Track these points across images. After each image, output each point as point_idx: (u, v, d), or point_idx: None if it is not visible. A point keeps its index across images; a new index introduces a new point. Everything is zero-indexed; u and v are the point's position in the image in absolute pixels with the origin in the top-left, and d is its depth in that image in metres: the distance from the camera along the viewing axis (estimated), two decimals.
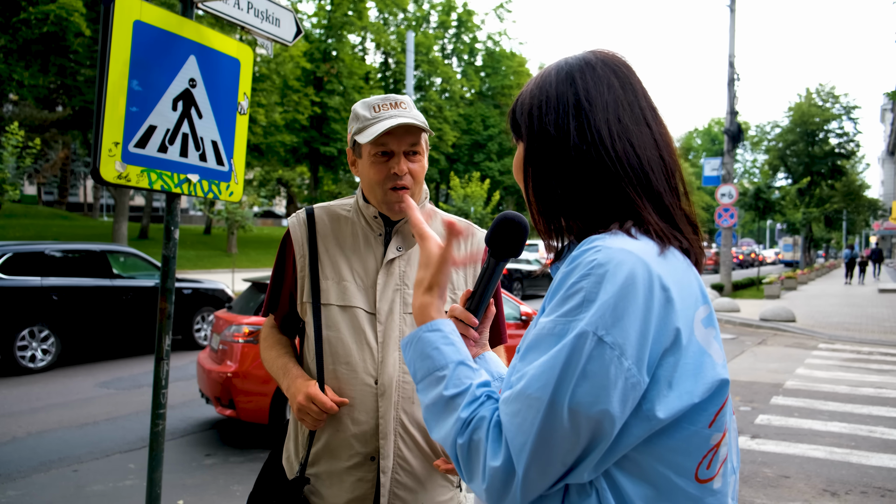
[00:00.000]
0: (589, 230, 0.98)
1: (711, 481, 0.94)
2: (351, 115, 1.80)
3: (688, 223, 1.02)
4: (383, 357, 1.72)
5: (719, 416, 0.93)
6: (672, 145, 1.05)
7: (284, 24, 3.03)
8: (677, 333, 0.88)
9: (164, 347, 2.59)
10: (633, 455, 0.90)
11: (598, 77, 1.02)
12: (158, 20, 2.44)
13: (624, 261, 0.88)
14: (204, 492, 4.63)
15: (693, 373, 0.89)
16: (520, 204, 53.96)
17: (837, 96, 44.71)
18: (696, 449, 0.91)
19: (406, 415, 1.72)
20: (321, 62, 37.62)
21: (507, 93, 48.40)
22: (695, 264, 1.00)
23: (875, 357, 10.90)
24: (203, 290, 10.82)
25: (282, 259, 1.86)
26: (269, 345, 1.90)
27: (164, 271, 2.59)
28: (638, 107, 1.03)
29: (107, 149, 2.31)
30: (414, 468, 1.73)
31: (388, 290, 1.75)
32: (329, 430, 1.72)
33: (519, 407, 0.88)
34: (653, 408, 0.87)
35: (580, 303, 0.87)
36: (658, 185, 1.00)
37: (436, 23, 48.48)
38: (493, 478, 0.89)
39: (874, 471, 5.34)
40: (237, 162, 2.82)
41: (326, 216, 1.84)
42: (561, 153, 1.00)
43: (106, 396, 7.43)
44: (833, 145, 44.15)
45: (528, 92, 1.07)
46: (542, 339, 0.89)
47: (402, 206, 1.75)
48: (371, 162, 1.73)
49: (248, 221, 18.72)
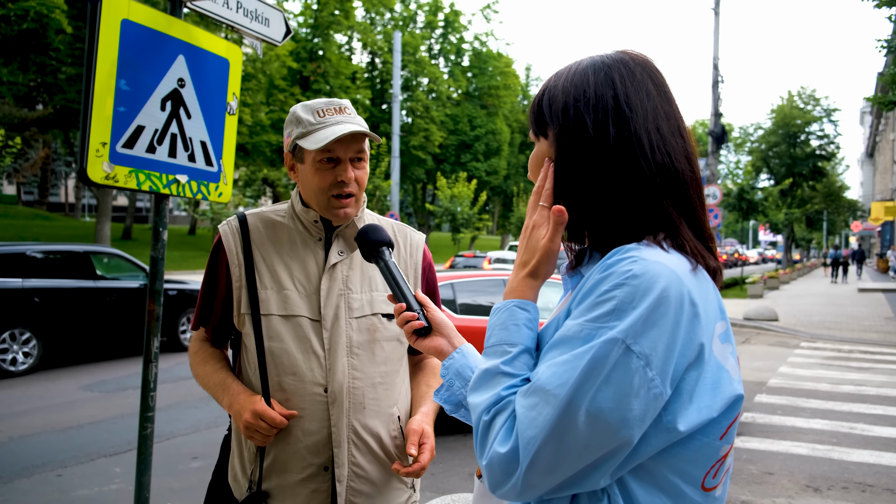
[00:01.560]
0: (618, 240, 0.96)
1: (714, 490, 0.95)
2: (290, 118, 1.74)
3: (710, 239, 1.02)
4: (331, 364, 1.67)
5: (731, 429, 0.94)
6: (697, 160, 1.03)
7: (274, 24, 3.02)
8: (701, 348, 0.89)
9: (152, 349, 2.56)
10: (646, 463, 0.90)
11: (638, 82, 1.00)
12: (146, 19, 2.42)
13: (660, 274, 0.87)
14: (191, 495, 4.60)
15: (712, 388, 0.90)
16: (506, 205, 53.99)
17: (818, 99, 45.28)
18: (706, 459, 0.92)
19: (358, 421, 1.69)
20: (307, 61, 37.50)
21: (494, 93, 48.50)
22: (713, 279, 0.99)
23: (855, 355, 11.05)
24: (188, 292, 10.73)
25: (213, 269, 1.77)
26: (202, 359, 1.82)
27: (153, 273, 2.57)
28: (674, 117, 1.01)
29: (94, 149, 2.29)
30: (369, 474, 1.70)
31: (333, 295, 1.70)
32: (279, 444, 1.66)
33: (536, 401, 0.88)
34: (674, 420, 0.87)
35: (611, 310, 0.86)
36: (692, 201, 0.99)
37: (423, 23, 48.47)
38: (495, 463, 0.90)
39: (855, 466, 5.41)
40: (226, 162, 2.80)
41: (260, 223, 1.77)
42: (597, 158, 0.97)
43: (90, 399, 7.35)
44: (814, 147, 44.67)
45: (559, 88, 1.02)
46: (568, 341, 0.89)
47: (346, 212, 1.72)
48: (316, 168, 1.68)
49: None
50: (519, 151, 54.68)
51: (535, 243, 1.02)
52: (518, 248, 1.07)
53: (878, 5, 12.21)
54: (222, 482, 1.80)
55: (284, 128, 1.79)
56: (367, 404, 1.70)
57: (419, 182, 47.76)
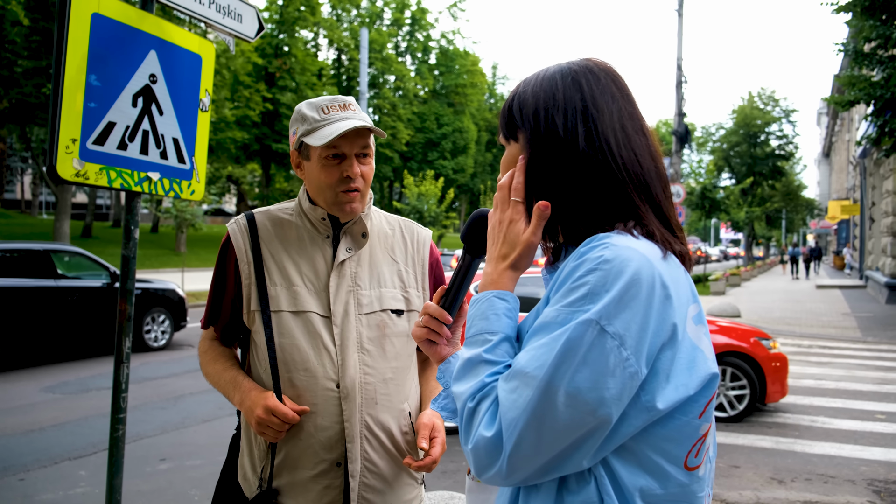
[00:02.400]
0: (590, 231, 1.01)
1: (697, 469, 0.98)
2: (295, 116, 1.75)
3: (678, 228, 1.07)
4: (343, 360, 1.68)
5: (708, 407, 0.98)
6: (661, 156, 1.09)
7: (246, 20, 2.98)
8: (674, 329, 0.92)
9: (124, 350, 2.51)
10: (629, 444, 0.93)
11: (602, 86, 1.05)
12: (117, 13, 2.37)
13: (631, 258, 0.91)
14: (160, 497, 4.53)
15: (687, 367, 0.93)
16: (473, 203, 54.17)
17: (777, 100, 46.37)
18: (687, 438, 0.96)
19: (370, 416, 1.69)
20: (273, 57, 37.09)
21: (461, 91, 48.57)
22: (683, 264, 1.04)
23: (814, 350, 11.35)
24: (153, 291, 10.54)
25: (222, 268, 1.78)
26: (212, 358, 1.82)
27: (125, 272, 2.52)
28: (637, 117, 1.07)
29: (64, 145, 2.23)
30: (381, 469, 1.71)
31: (342, 291, 1.71)
32: (290, 441, 1.67)
33: (516, 384, 0.91)
34: (653, 399, 0.91)
35: (585, 294, 0.90)
36: (657, 193, 1.04)
37: (389, 20, 48.31)
38: (480, 447, 0.92)
39: (817, 458, 5.57)
40: (199, 160, 2.76)
41: (268, 221, 1.78)
42: (568, 156, 1.02)
43: (52, 401, 7.18)
44: (773, 147, 45.74)
45: (529, 93, 1.08)
46: (546, 326, 0.92)
47: (352, 207, 1.73)
48: (322, 165, 1.69)
49: (199, 220, 18.33)
50: (486, 150, 54.88)
51: (516, 237, 1.06)
52: (490, 242, 1.09)
53: (836, 10, 12.54)
54: (231, 481, 1.79)
55: (290, 126, 1.79)
56: (379, 399, 1.71)
57: (386, 180, 47.63)
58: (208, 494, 4.58)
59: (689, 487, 0.97)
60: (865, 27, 12.20)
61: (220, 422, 6.46)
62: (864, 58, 12.52)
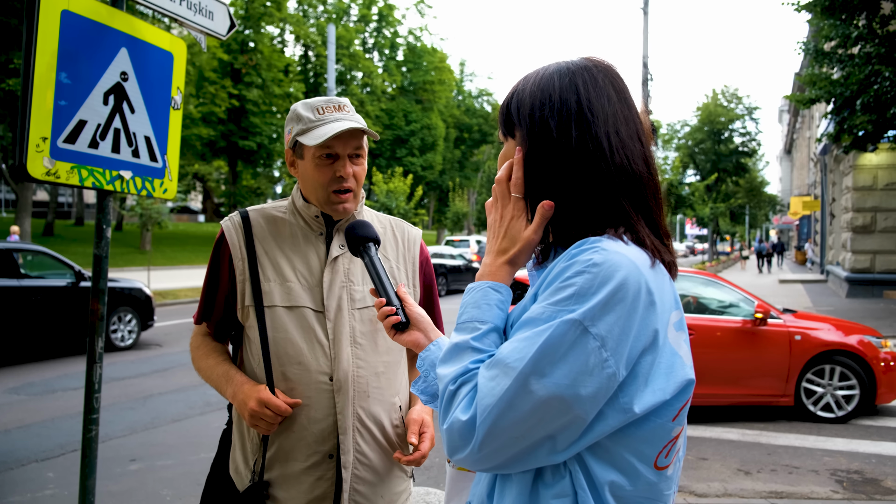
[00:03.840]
0: (580, 235, 1.02)
1: (666, 469, 1.02)
2: (290, 116, 1.79)
3: (665, 235, 1.08)
4: (336, 353, 1.71)
5: (682, 411, 1.01)
6: (655, 162, 1.09)
7: (218, 17, 2.97)
8: (655, 334, 0.95)
9: (96, 350, 2.49)
10: (604, 442, 0.96)
11: (600, 87, 1.05)
12: (87, 10, 2.35)
13: (620, 264, 0.93)
14: (131, 498, 4.48)
15: (666, 372, 0.96)
16: (442, 199, 54.13)
17: (741, 98, 47.13)
18: (659, 440, 0.99)
19: (362, 409, 1.73)
20: (239, 53, 36.59)
21: (429, 88, 48.48)
22: (669, 272, 1.06)
23: None
24: (119, 290, 10.36)
25: (216, 264, 1.81)
26: (205, 353, 1.85)
27: (97, 271, 2.49)
28: (633, 122, 1.07)
29: (34, 144, 2.20)
30: (372, 461, 1.75)
31: (335, 287, 1.75)
32: (283, 433, 1.70)
33: (496, 373, 0.94)
34: (630, 401, 0.93)
35: (572, 295, 0.92)
36: (648, 200, 1.05)
37: (356, 16, 48.00)
38: (455, 429, 0.95)
39: (782, 450, 5.73)
40: (171, 158, 2.74)
41: (262, 218, 1.82)
42: (561, 158, 1.03)
43: (16, 403, 7.03)
44: (737, 144, 46.52)
45: (527, 91, 1.08)
46: (531, 321, 0.95)
47: (345, 207, 1.77)
48: (315, 164, 1.73)
49: (164, 217, 18.04)
50: (454, 146, 54.89)
51: (517, 233, 1.08)
52: (491, 235, 1.11)
53: (797, 9, 12.82)
54: (222, 475, 1.81)
55: (285, 125, 1.82)
56: (371, 392, 1.75)
57: None
58: (180, 494, 4.54)
59: (657, 486, 1.00)
60: (825, 26, 12.50)
61: (190, 421, 6.40)
62: (824, 56, 12.82)
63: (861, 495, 4.70)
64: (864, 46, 11.84)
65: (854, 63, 11.97)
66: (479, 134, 57.04)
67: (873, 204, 18.09)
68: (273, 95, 38.24)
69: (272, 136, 38.87)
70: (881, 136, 12.51)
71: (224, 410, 6.75)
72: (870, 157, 17.67)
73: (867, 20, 11.79)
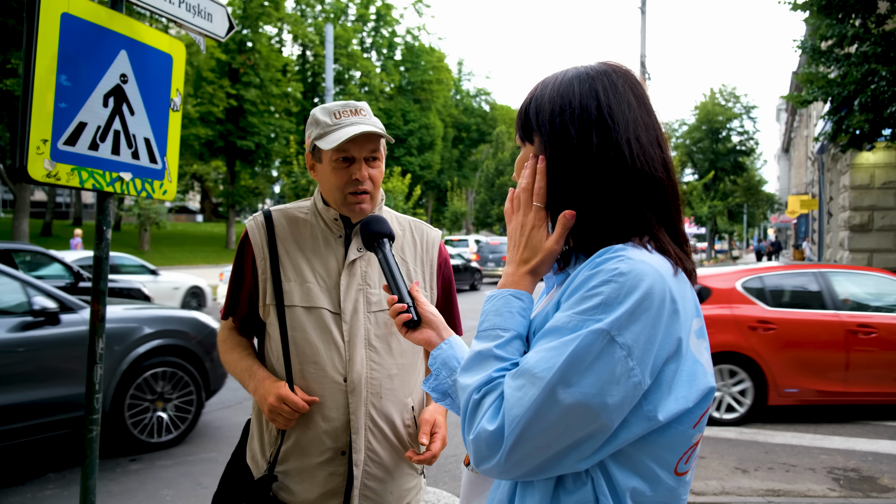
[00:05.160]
0: (602, 242, 1.03)
1: (685, 475, 1.03)
2: (310, 120, 1.83)
3: (685, 242, 1.09)
4: (351, 355, 1.75)
5: (703, 418, 1.02)
6: (674, 168, 1.09)
7: (217, 19, 2.98)
8: (679, 343, 0.96)
9: (97, 351, 2.51)
10: (626, 449, 0.97)
11: (620, 93, 1.05)
12: (87, 13, 2.36)
13: (645, 273, 0.94)
14: (131, 498, 4.49)
15: (688, 380, 0.97)
16: (440, 199, 54.18)
17: (738, 96, 47.17)
18: (680, 446, 1.00)
19: (375, 409, 1.77)
20: (237, 53, 36.56)
21: (427, 88, 48.50)
22: (689, 280, 1.06)
23: None
24: (118, 290, 10.38)
25: (240, 262, 1.86)
26: (230, 347, 1.91)
27: (97, 272, 2.51)
28: (653, 128, 1.07)
29: (35, 146, 2.22)
30: (383, 459, 1.79)
31: (352, 290, 1.79)
32: (299, 428, 1.76)
33: (523, 383, 0.94)
34: (654, 409, 0.95)
35: (599, 304, 0.93)
36: (669, 207, 1.06)
37: (354, 16, 48.00)
38: (482, 439, 0.95)
39: (779, 448, 5.76)
40: (170, 159, 2.76)
41: (284, 219, 1.86)
42: (582, 165, 1.03)
43: None
44: (735, 143, 46.56)
45: (546, 97, 1.07)
46: (557, 330, 0.95)
47: (362, 208, 1.80)
48: (333, 167, 1.77)
49: (162, 217, 18.03)
50: (452, 146, 54.93)
51: (538, 243, 1.08)
52: (511, 244, 1.11)
53: (793, 8, 12.84)
54: (241, 462, 1.88)
55: (305, 130, 1.87)
56: (384, 394, 1.78)
57: None
58: (180, 494, 4.56)
59: (676, 491, 1.01)
60: (822, 25, 12.52)
61: None
62: (821, 55, 12.84)
63: (857, 493, 4.73)
64: (861, 46, 11.87)
65: (851, 62, 11.99)
66: (477, 133, 57.09)
67: (870, 202, 18.13)
68: (271, 95, 38.22)
69: (270, 135, 38.84)
70: (878, 134, 12.53)
71: (224, 411, 6.77)
72: (867, 156, 17.70)
73: (863, 19, 11.81)
